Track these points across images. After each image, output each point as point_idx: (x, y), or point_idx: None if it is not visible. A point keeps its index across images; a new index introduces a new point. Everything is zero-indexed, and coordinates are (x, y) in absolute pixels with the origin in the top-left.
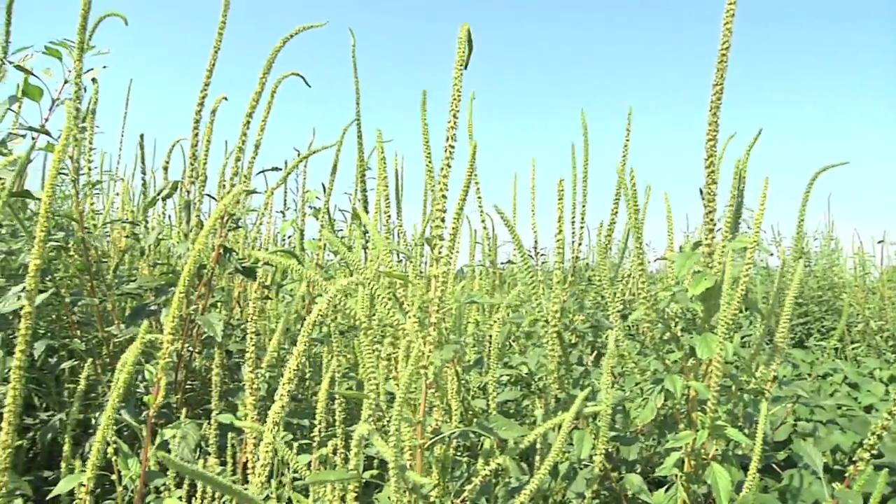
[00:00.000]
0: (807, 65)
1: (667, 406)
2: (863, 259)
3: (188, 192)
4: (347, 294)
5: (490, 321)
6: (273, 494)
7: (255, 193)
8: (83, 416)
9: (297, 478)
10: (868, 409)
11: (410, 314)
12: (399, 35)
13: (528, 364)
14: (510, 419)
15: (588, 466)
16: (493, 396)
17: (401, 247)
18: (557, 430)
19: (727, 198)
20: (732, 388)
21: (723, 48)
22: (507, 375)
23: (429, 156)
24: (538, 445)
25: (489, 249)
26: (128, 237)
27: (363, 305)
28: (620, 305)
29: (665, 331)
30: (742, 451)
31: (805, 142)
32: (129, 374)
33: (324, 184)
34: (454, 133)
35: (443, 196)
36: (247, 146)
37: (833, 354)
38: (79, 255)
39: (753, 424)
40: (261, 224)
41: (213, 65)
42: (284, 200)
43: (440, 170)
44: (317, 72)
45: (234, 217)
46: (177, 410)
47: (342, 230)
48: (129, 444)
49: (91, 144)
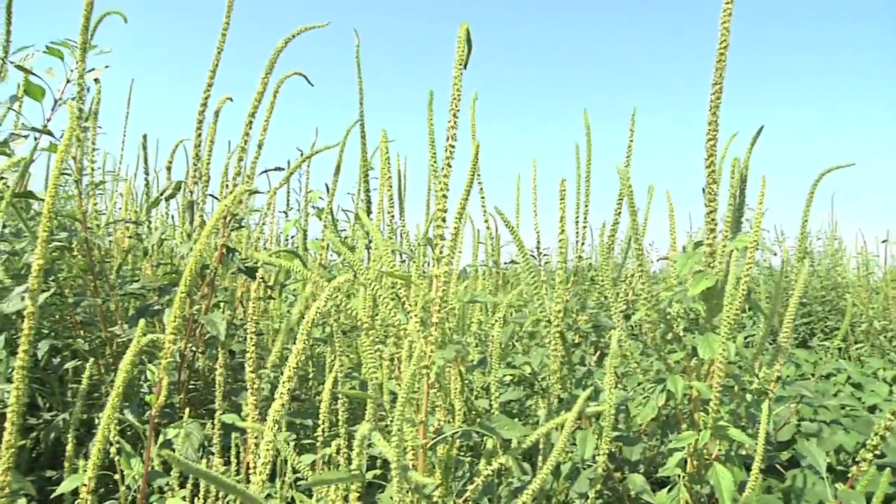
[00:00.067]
0: (807, 65)
1: (669, 406)
2: (866, 259)
3: (191, 193)
4: (349, 294)
5: (492, 321)
6: (276, 494)
7: (258, 193)
8: (86, 416)
9: (300, 478)
10: (872, 410)
11: (413, 314)
12: (400, 35)
13: (532, 364)
14: (513, 419)
15: (591, 466)
16: (496, 396)
17: (403, 247)
18: (560, 430)
19: (730, 197)
20: (735, 389)
21: (721, 47)
22: (511, 375)
23: (433, 155)
24: (541, 445)
25: (492, 249)
26: (131, 237)
27: (365, 306)
28: (623, 305)
29: (667, 331)
30: (745, 452)
31: (806, 142)
32: (128, 374)
33: (327, 184)
34: (455, 133)
35: (444, 196)
36: (249, 146)
37: (836, 354)
38: (82, 256)
39: (756, 424)
40: (264, 224)
41: (216, 66)
42: (287, 200)
43: (441, 170)
44: (319, 72)
45: (237, 217)
46: (180, 410)
47: (346, 230)
48: (133, 444)
49: (94, 145)
